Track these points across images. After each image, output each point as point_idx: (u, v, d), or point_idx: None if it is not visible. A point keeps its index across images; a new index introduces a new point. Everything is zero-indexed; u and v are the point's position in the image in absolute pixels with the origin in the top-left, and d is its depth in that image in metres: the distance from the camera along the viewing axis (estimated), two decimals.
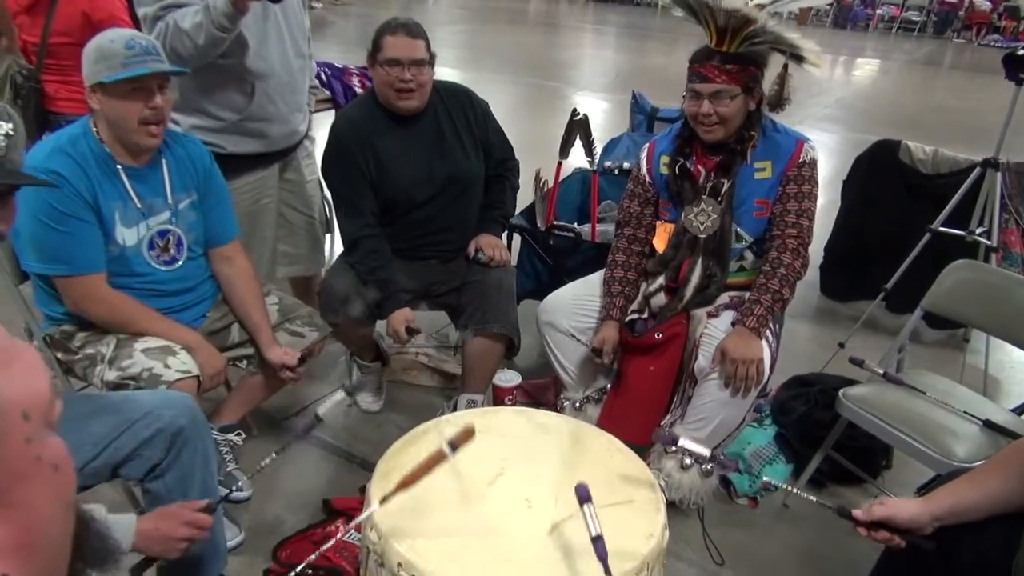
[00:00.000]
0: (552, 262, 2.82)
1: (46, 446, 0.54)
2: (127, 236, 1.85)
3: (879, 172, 3.40)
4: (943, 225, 2.83)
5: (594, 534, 1.16)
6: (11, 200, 1.21)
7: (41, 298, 1.90)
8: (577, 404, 2.28)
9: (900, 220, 3.25)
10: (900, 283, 2.89)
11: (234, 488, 2.07)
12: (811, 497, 1.44)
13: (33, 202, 1.71)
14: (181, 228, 1.95)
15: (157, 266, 1.91)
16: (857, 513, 1.34)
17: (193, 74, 2.09)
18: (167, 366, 1.76)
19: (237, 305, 2.07)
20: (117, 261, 1.85)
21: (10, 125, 1.17)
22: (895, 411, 2.00)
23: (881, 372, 2.02)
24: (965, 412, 1.96)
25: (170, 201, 1.91)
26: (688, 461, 2.08)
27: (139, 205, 1.85)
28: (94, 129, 1.81)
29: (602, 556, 1.12)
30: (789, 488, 1.47)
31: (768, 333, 2.02)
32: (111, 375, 1.78)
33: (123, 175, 1.82)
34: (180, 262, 1.96)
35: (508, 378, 2.42)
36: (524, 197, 2.72)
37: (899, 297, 3.00)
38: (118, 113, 1.75)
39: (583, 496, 1.21)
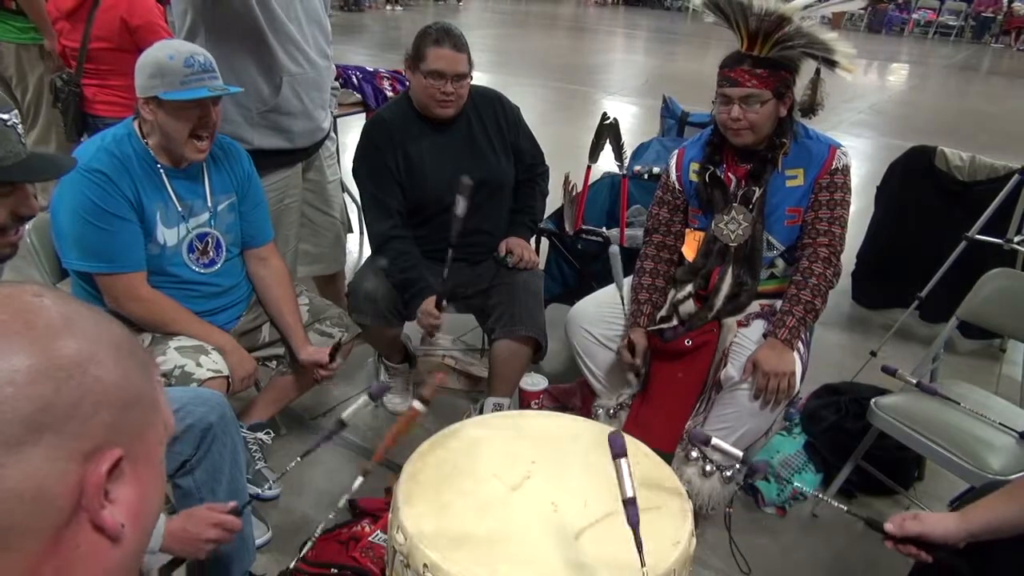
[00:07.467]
0: (580, 266, 2.82)
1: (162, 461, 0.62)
2: (168, 236, 1.88)
3: (914, 178, 3.35)
4: (980, 233, 2.79)
5: (628, 495, 1.04)
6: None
7: (79, 296, 1.94)
8: (611, 411, 2.27)
9: (935, 227, 3.19)
10: (935, 291, 2.85)
11: (265, 487, 2.10)
12: (841, 506, 1.41)
13: (77, 200, 1.75)
14: (219, 229, 1.98)
15: (196, 268, 1.95)
16: (889, 527, 1.31)
17: (227, 58, 2.12)
18: (199, 364, 1.79)
19: (272, 306, 2.10)
20: (157, 260, 1.88)
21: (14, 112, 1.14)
22: (928, 421, 1.97)
23: (914, 382, 1.98)
24: (1000, 424, 1.92)
25: (209, 203, 1.95)
26: (709, 468, 2.06)
27: (179, 206, 1.89)
28: (138, 131, 1.85)
29: (633, 522, 1.04)
30: (820, 495, 1.44)
31: (799, 343, 2.00)
32: None
33: (164, 177, 1.86)
34: (219, 264, 1.99)
35: (535, 382, 2.42)
36: (553, 201, 2.72)
37: (933, 306, 2.96)
38: (171, 127, 1.79)
39: (618, 449, 1.05)
